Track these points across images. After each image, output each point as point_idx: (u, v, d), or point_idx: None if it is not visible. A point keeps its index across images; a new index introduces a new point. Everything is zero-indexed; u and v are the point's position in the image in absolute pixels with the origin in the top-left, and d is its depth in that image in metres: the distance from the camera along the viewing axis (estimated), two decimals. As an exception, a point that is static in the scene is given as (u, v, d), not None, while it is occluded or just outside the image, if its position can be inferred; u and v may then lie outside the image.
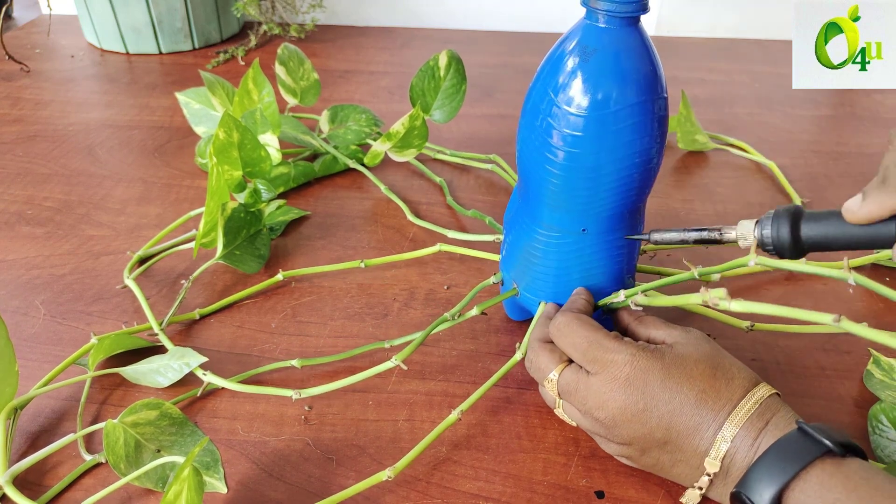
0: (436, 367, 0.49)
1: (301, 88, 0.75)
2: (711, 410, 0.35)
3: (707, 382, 0.36)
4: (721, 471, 0.35)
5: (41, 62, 1.00)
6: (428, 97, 0.67)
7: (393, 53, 1.06)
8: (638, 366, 0.37)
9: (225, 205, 0.54)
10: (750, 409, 0.35)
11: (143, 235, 0.62)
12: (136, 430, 0.42)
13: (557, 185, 0.41)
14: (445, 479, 0.41)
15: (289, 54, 0.74)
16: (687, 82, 0.95)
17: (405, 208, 0.65)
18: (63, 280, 0.57)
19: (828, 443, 0.32)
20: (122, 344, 0.48)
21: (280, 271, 0.56)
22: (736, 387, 0.36)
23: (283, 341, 0.51)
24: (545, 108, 0.40)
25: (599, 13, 0.37)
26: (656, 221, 0.65)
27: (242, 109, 0.67)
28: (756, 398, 0.35)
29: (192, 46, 1.05)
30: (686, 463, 0.37)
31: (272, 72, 0.74)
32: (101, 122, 0.83)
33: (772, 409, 0.35)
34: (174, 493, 0.34)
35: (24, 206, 0.66)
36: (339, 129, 0.73)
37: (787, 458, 0.32)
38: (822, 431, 0.33)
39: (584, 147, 0.39)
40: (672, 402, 0.36)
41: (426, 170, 0.73)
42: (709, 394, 0.36)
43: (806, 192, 0.70)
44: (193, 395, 0.46)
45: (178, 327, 0.52)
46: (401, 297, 0.56)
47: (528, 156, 0.42)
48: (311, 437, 0.44)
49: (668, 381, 0.36)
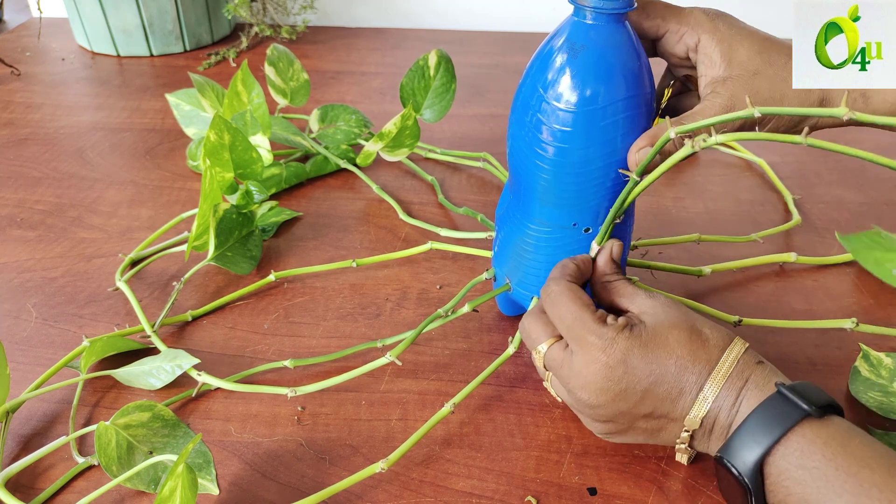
0: (429, 366, 0.49)
1: (291, 89, 0.75)
2: (692, 374, 0.36)
3: (684, 348, 0.37)
4: (702, 428, 0.36)
5: (32, 65, 1.00)
6: (418, 96, 0.67)
7: (384, 54, 1.06)
8: (618, 348, 0.37)
9: (217, 206, 0.54)
10: (728, 369, 0.36)
11: (135, 238, 0.62)
12: (128, 431, 0.41)
13: (548, 180, 0.42)
14: (439, 478, 0.41)
15: (278, 55, 0.74)
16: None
17: (397, 207, 0.65)
18: (55, 283, 0.57)
19: (806, 407, 0.33)
20: (113, 346, 0.48)
21: (272, 272, 0.56)
22: (712, 347, 0.37)
23: (275, 342, 0.51)
24: (535, 104, 0.40)
25: (587, 10, 0.38)
26: (647, 220, 0.65)
27: (232, 111, 0.67)
28: (733, 356, 0.36)
29: (183, 48, 1.05)
30: (674, 423, 0.37)
31: (263, 74, 0.74)
32: (92, 125, 0.83)
33: (750, 367, 0.36)
34: (169, 490, 0.34)
35: (16, 210, 0.66)
36: (329, 129, 0.73)
37: (767, 424, 0.33)
38: (800, 394, 0.34)
39: (574, 142, 0.39)
40: (653, 374, 0.36)
41: (418, 169, 0.73)
42: (687, 359, 0.36)
43: (796, 189, 0.70)
44: (188, 395, 0.46)
45: (171, 329, 0.52)
46: (393, 297, 0.56)
47: (519, 152, 0.43)
48: (304, 438, 0.44)
49: (648, 355, 0.37)
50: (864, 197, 0.70)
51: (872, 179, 0.73)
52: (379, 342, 0.49)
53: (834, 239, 0.62)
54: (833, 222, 0.66)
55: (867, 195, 0.70)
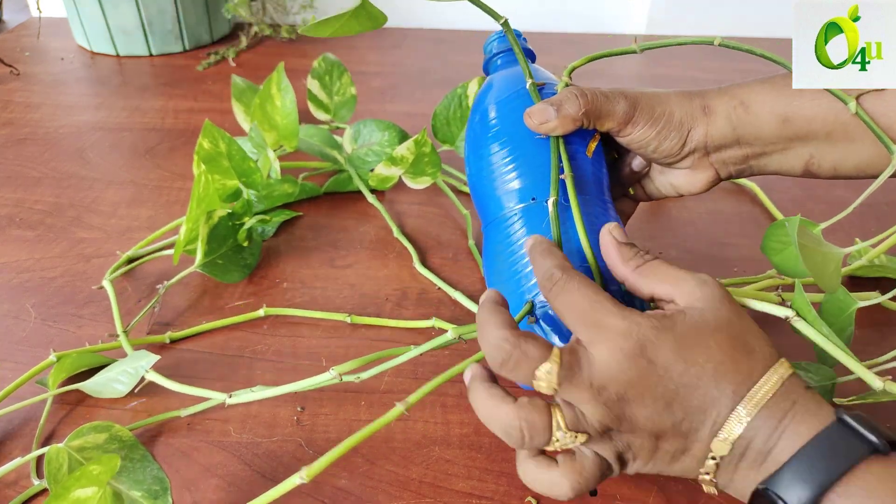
0: (429, 367, 0.49)
1: (335, 104, 0.71)
2: (730, 384, 0.30)
3: (725, 354, 0.31)
4: (731, 455, 0.31)
5: (31, 65, 1.00)
6: (453, 127, 0.62)
7: (384, 53, 1.06)
8: (645, 335, 0.31)
9: (211, 213, 0.53)
10: (771, 389, 0.30)
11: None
12: (82, 454, 0.39)
13: (507, 160, 0.44)
14: (438, 479, 0.41)
15: (327, 66, 0.69)
16: (679, 81, 0.95)
17: (414, 256, 0.59)
18: (54, 283, 0.56)
19: (874, 439, 0.29)
20: (84, 362, 0.47)
21: (263, 306, 0.53)
22: (756, 361, 0.31)
23: (275, 342, 0.51)
24: (481, 136, 0.46)
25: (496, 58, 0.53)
26: (647, 220, 0.65)
27: (263, 114, 0.65)
28: (778, 376, 0.31)
29: (182, 48, 1.05)
30: (699, 445, 0.31)
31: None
32: (91, 125, 0.83)
33: (797, 390, 0.31)
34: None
35: (15, 210, 0.66)
36: (362, 149, 0.67)
37: (828, 457, 0.29)
38: (866, 425, 0.29)
39: (505, 127, 0.45)
40: (687, 373, 0.31)
41: (454, 197, 0.66)
42: (727, 366, 0.31)
43: (795, 189, 0.70)
44: (177, 415, 0.45)
45: (172, 329, 0.52)
46: (393, 297, 0.56)
47: (477, 164, 0.47)
48: (303, 438, 0.44)
49: (683, 350, 0.31)
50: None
51: (872, 179, 0.73)
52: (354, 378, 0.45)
53: (834, 240, 0.62)
54: (834, 223, 0.65)
55: (868, 195, 0.70)
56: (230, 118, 0.78)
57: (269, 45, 1.08)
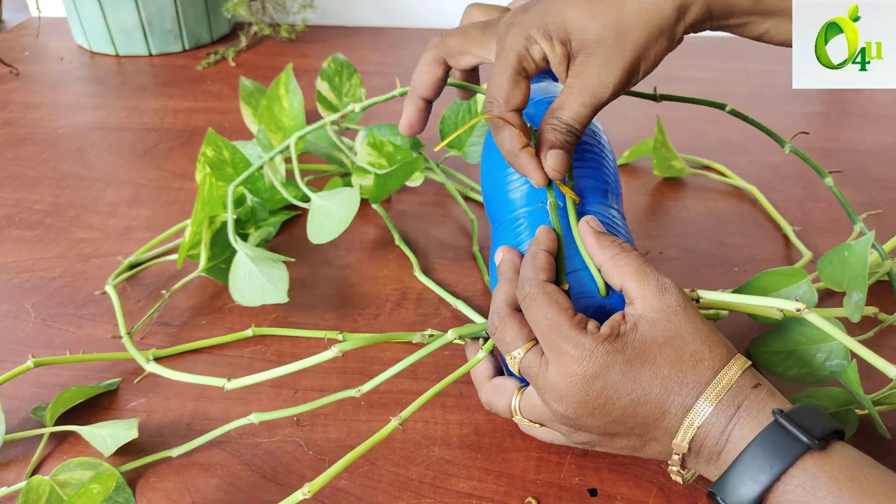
0: (428, 367, 0.49)
1: (345, 105, 0.70)
2: (678, 396, 0.33)
3: (672, 368, 0.33)
4: (691, 451, 0.34)
5: (30, 65, 1.00)
6: (462, 133, 0.61)
7: (384, 53, 1.06)
8: (596, 361, 0.33)
9: (214, 218, 0.53)
10: (720, 393, 0.33)
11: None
12: (64, 490, 0.38)
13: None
14: (438, 479, 0.41)
15: (336, 67, 0.68)
16: (678, 80, 0.95)
17: (414, 263, 0.58)
18: (53, 283, 0.56)
19: (806, 440, 0.30)
20: (82, 394, 0.46)
21: (251, 326, 0.51)
22: (704, 369, 0.33)
23: (274, 342, 0.51)
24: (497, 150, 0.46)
25: None
26: (648, 220, 0.65)
27: (271, 115, 0.64)
28: (727, 379, 0.33)
29: (182, 48, 1.04)
30: (658, 441, 0.35)
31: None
32: (91, 125, 0.82)
33: (744, 391, 0.33)
34: None
35: (14, 210, 0.66)
36: None
37: (764, 459, 0.31)
38: (799, 425, 0.31)
39: None
40: (634, 392, 0.33)
41: (461, 201, 0.65)
42: (673, 380, 0.33)
43: (797, 189, 0.70)
44: (169, 454, 0.42)
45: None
46: (393, 297, 0.56)
47: (491, 173, 0.47)
48: (303, 438, 0.44)
49: (630, 371, 0.33)
50: (864, 197, 0.70)
51: (873, 179, 0.73)
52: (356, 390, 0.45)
53: (834, 239, 0.62)
54: (834, 222, 0.65)
55: (868, 195, 0.70)
56: (230, 118, 0.78)
57: (269, 45, 1.08)
